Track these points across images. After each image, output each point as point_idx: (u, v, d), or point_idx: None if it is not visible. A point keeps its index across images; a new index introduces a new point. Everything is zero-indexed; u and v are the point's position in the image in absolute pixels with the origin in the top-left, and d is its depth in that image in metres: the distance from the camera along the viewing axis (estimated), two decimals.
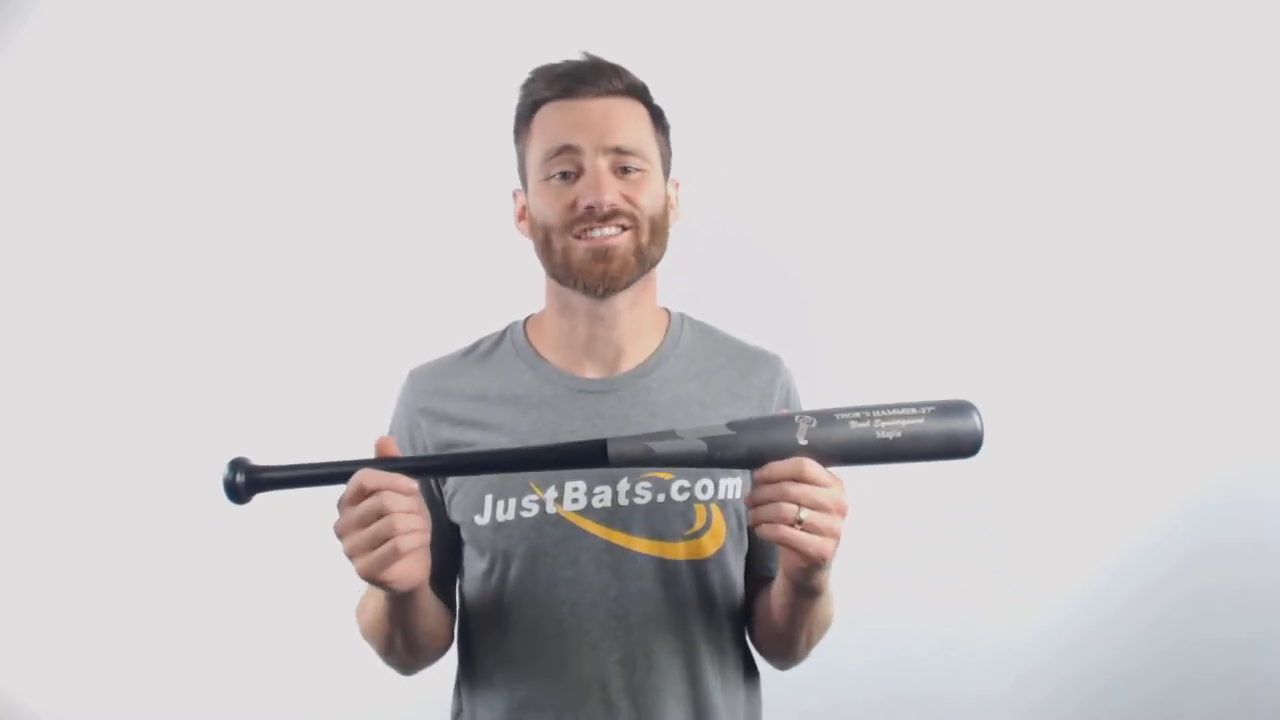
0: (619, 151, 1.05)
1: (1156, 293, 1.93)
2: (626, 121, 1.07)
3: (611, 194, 1.03)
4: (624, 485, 1.05)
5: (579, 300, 1.09)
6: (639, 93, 1.10)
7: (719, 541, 1.08)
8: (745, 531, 1.12)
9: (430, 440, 1.11)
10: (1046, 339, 1.91)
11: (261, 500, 0.91)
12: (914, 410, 0.90)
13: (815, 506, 0.87)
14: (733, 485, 1.09)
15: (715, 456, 0.90)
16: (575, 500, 1.05)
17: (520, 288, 1.23)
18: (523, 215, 1.14)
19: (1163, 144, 1.91)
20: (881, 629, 1.86)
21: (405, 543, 0.87)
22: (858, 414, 0.90)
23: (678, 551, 1.06)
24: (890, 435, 0.89)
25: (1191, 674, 1.95)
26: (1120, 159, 1.90)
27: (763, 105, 1.85)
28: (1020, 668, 1.94)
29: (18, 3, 1.79)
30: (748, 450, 0.90)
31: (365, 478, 0.87)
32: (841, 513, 0.89)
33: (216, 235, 1.82)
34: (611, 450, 0.90)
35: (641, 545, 1.06)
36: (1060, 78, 1.89)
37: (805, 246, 1.88)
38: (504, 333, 1.19)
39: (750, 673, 1.18)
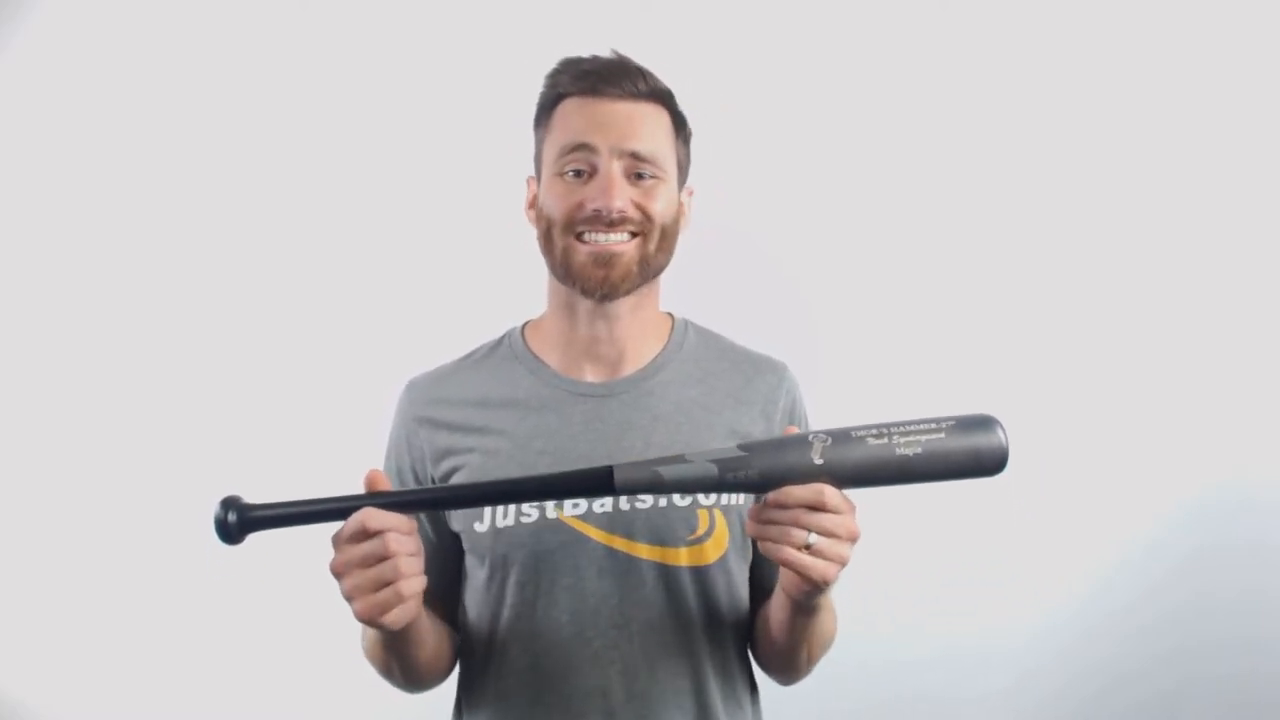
0: (635, 157, 1.03)
1: (1158, 295, 1.93)
2: (646, 127, 1.05)
3: (621, 200, 1.01)
4: None
5: (580, 300, 1.07)
6: (663, 98, 1.08)
7: (722, 548, 1.06)
8: (749, 539, 1.10)
9: (429, 448, 1.10)
10: (1048, 341, 1.91)
11: (264, 498, 0.90)
12: (934, 425, 0.85)
13: (826, 533, 0.84)
14: None
15: (727, 480, 0.86)
16: (576, 505, 1.03)
17: (516, 295, 1.22)
18: (533, 204, 1.12)
19: (1160, 149, 1.91)
20: (882, 629, 1.86)
21: (408, 587, 0.85)
22: (875, 431, 0.85)
23: (680, 557, 1.04)
24: (910, 452, 0.84)
25: (1191, 674, 1.96)
26: (1120, 163, 1.90)
27: (764, 106, 1.84)
28: (1020, 667, 1.95)
29: (18, 3, 1.79)
30: (760, 473, 0.85)
31: (369, 518, 0.84)
32: (852, 539, 0.86)
33: (217, 239, 1.82)
34: (618, 477, 0.86)
35: (644, 551, 1.04)
36: (1061, 80, 1.88)
37: (806, 247, 1.88)
38: (501, 339, 1.18)
39: (754, 687, 1.17)
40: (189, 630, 1.81)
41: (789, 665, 1.09)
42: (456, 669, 1.15)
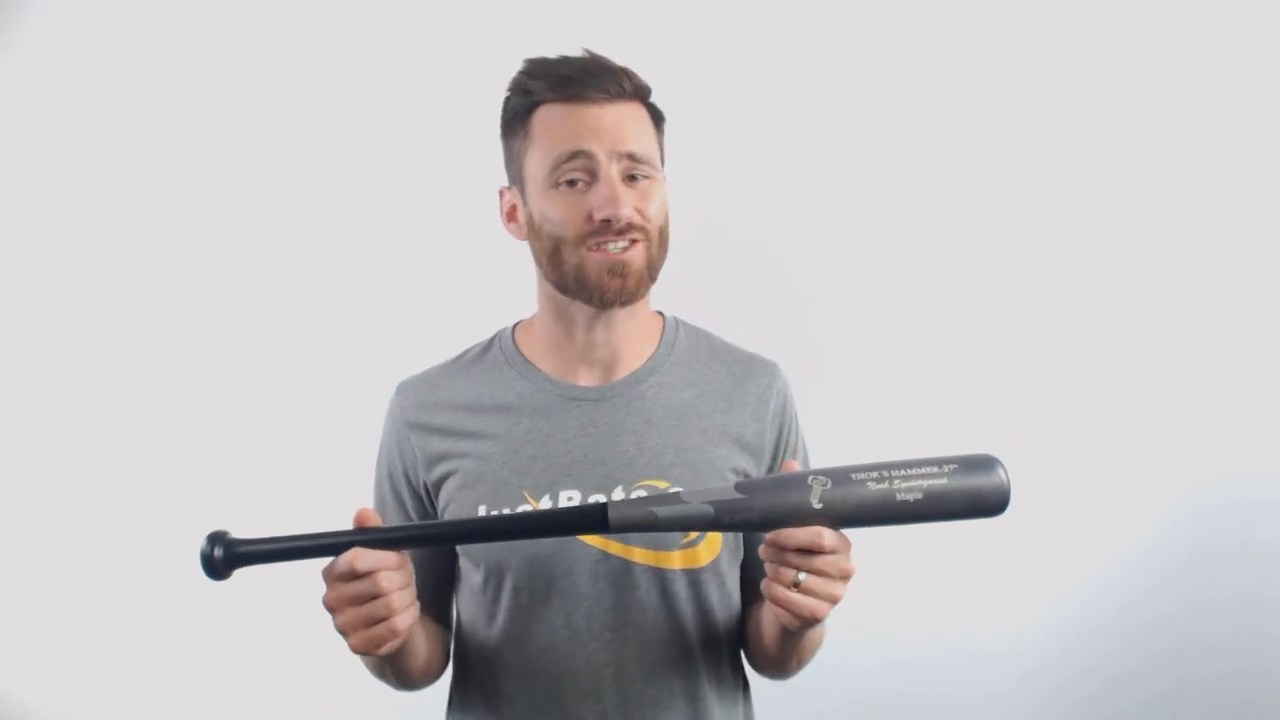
0: (631, 159, 1.01)
1: (1156, 294, 1.92)
2: (635, 127, 1.03)
3: (627, 207, 0.99)
4: (619, 494, 1.03)
5: (580, 309, 1.06)
6: (642, 95, 1.06)
7: (714, 551, 1.07)
8: (741, 540, 1.11)
9: (420, 453, 1.10)
10: (1046, 340, 1.90)
11: (261, 503, 0.90)
12: (935, 468, 0.84)
13: (818, 573, 0.85)
14: None
15: (724, 521, 0.85)
16: None
17: (503, 293, 1.22)
18: (513, 215, 1.10)
19: (1159, 149, 1.90)
20: (883, 629, 1.86)
21: (401, 622, 0.87)
22: (875, 474, 0.84)
23: (673, 561, 1.04)
24: (910, 497, 0.83)
25: (1191, 674, 1.95)
26: (1118, 162, 1.89)
27: (760, 104, 1.84)
28: (1021, 667, 1.95)
29: (17, 3, 1.79)
30: (759, 515, 0.85)
31: (358, 559, 0.84)
32: (845, 578, 0.86)
33: (206, 239, 1.81)
34: (612, 515, 0.86)
35: (639, 555, 1.03)
36: (1060, 78, 1.88)
37: (803, 246, 1.88)
38: (491, 340, 1.17)
39: (745, 684, 1.17)
40: (188, 630, 1.81)
41: (779, 668, 1.11)
42: (450, 675, 1.16)
